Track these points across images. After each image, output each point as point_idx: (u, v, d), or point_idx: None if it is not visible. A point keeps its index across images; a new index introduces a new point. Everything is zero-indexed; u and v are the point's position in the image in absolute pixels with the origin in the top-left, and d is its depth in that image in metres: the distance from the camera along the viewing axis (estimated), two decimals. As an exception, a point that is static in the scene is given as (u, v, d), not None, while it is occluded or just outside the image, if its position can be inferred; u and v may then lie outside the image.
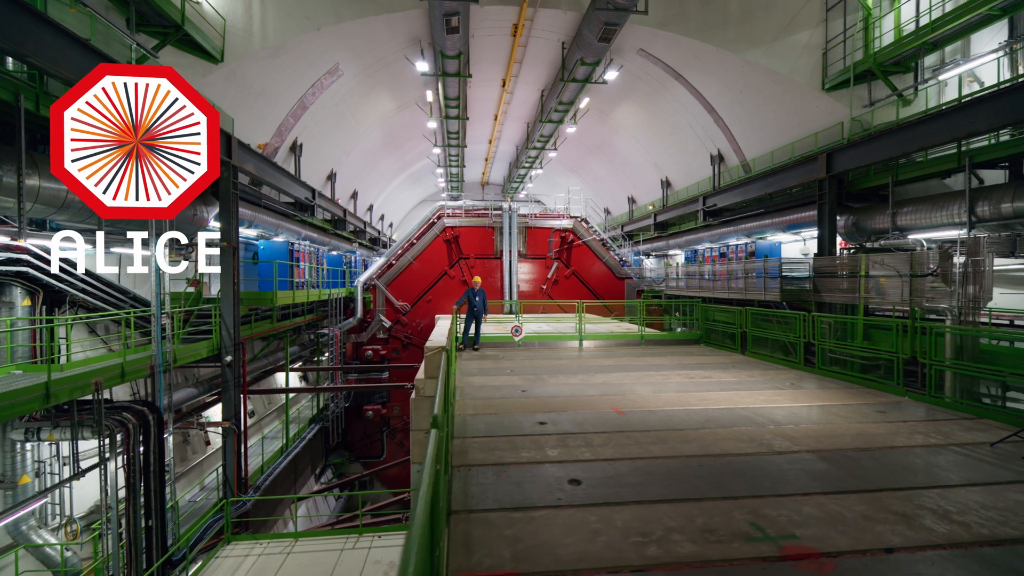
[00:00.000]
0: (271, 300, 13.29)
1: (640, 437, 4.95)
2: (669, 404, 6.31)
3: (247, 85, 14.22)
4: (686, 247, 25.35)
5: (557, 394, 6.85)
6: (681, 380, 7.86)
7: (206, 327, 11.73)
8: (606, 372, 8.49)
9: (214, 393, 12.28)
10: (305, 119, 18.22)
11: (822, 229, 14.50)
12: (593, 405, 6.27)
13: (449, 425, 4.93)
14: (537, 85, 25.53)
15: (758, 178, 18.24)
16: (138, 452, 8.65)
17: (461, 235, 22.63)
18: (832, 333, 9.44)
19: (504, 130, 32.99)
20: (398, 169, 34.23)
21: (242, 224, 14.91)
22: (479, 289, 11.01)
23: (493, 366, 9.09)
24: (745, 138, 19.87)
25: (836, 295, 13.16)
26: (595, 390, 7.09)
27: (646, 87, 22.02)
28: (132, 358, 8.74)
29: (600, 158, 32.45)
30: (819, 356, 8.49)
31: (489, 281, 22.89)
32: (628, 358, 10.10)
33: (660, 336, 12.37)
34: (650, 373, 8.37)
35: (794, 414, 5.88)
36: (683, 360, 9.82)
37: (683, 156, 24.48)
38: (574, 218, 23.61)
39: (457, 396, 6.68)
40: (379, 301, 21.74)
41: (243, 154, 12.71)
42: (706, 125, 21.22)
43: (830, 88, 15.92)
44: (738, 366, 9.22)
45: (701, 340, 12.33)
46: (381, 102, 22.99)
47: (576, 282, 23.54)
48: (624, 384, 7.50)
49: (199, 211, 11.86)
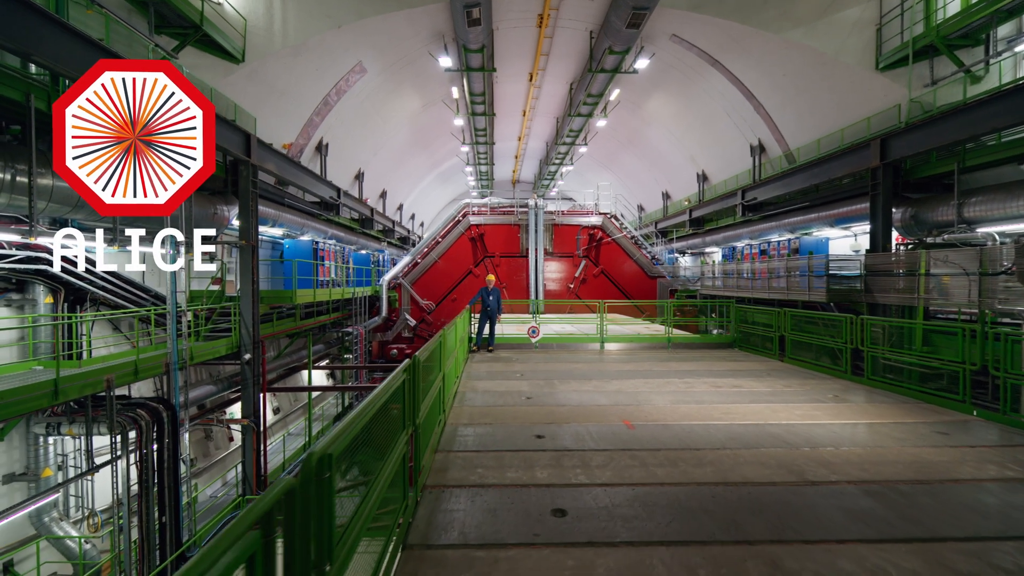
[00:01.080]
0: (291, 298, 13.31)
1: (647, 457, 4.33)
2: (688, 417, 5.62)
3: (269, 84, 14.33)
4: (723, 244, 23.99)
5: (564, 402, 6.27)
6: (706, 389, 7.10)
7: (226, 325, 11.84)
8: (624, 378, 7.83)
9: (236, 390, 12.41)
10: (330, 118, 18.30)
11: (875, 223, 13.17)
12: (602, 416, 5.66)
13: (435, 436, 4.48)
14: (565, 78, 24.81)
15: (803, 168, 16.89)
16: (152, 449, 8.73)
17: (486, 233, 22.26)
18: (886, 338, 8.38)
19: (533, 126, 32.41)
20: (427, 168, 34.30)
21: (265, 223, 15.11)
22: (493, 288, 10.55)
23: (503, 369, 8.59)
24: (788, 126, 18.48)
25: (891, 296, 11.91)
26: (607, 399, 6.47)
27: (680, 75, 20.90)
28: (146, 356, 8.81)
29: (632, 152, 31.32)
30: (869, 364, 7.50)
31: (515, 280, 22.43)
32: (651, 363, 9.36)
33: (690, 339, 11.52)
34: (672, 380, 7.64)
35: (835, 434, 5.07)
36: (712, 366, 9.00)
37: (720, 148, 23.15)
38: (603, 214, 22.78)
39: (455, 402, 6.23)
40: (404, 300, 21.69)
41: (263, 153, 12.77)
42: (745, 114, 19.90)
43: (885, 67, 14.46)
44: (774, 374, 8.33)
45: (735, 344, 11.39)
46: (407, 100, 22.93)
47: (605, 281, 22.70)
48: (641, 393, 6.83)
49: (220, 209, 11.99)
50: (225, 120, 11.02)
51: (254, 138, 11.96)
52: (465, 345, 9.62)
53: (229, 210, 12.25)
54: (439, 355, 5.22)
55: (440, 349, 5.21)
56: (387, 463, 2.61)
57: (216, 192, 12.28)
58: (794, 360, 9.34)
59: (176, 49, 11.05)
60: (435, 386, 4.66)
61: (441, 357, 5.23)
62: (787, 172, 17.72)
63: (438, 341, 5.03)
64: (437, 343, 4.92)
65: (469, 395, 6.63)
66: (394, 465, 2.73)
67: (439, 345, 5.09)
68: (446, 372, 5.53)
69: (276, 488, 1.45)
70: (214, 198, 11.96)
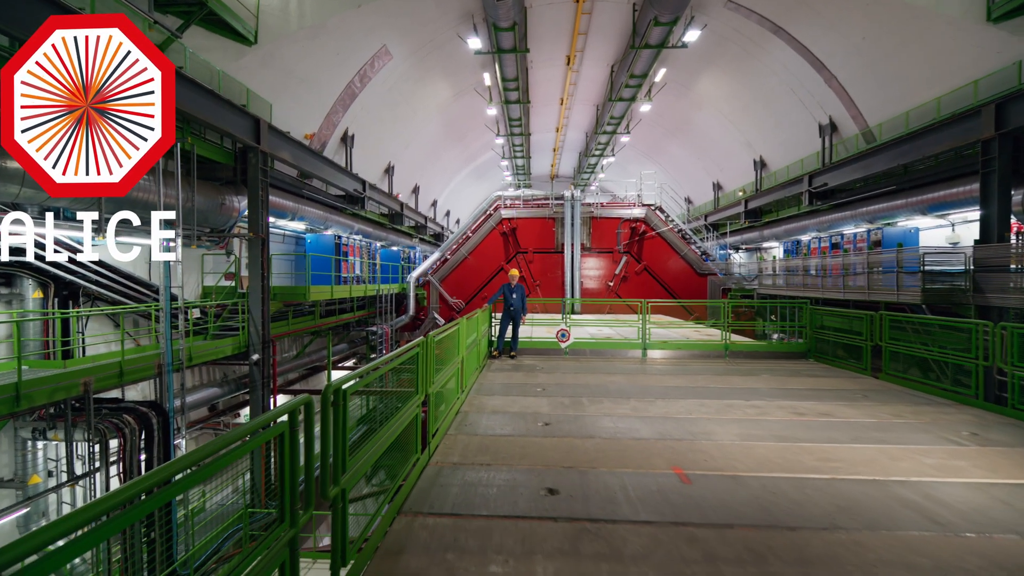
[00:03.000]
0: (304, 295, 12.46)
1: (714, 543, 2.79)
2: (768, 465, 4.00)
3: (287, 70, 13.56)
4: (785, 238, 21.46)
5: (592, 432, 4.78)
6: (785, 417, 5.39)
7: (236, 324, 11.10)
8: (672, 398, 6.21)
9: (247, 391, 11.68)
10: (355, 108, 17.49)
11: (988, 207, 10.78)
12: (643, 457, 4.13)
13: (408, 484, 3.15)
14: (606, 60, 23.02)
15: (887, 147, 14.41)
16: (138, 459, 7.98)
17: (519, 227, 20.87)
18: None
19: (572, 116, 30.71)
20: (462, 162, 33.32)
21: (284, 216, 14.39)
22: (516, 284, 9.14)
23: (523, 382, 7.17)
24: (867, 99, 15.93)
25: (1011, 296, 9.62)
26: (650, 429, 4.91)
27: (736, 48, 18.66)
28: (132, 357, 8.04)
29: (679, 140, 28.99)
30: (1015, 390, 5.51)
31: (549, 277, 20.92)
32: (706, 376, 7.65)
33: (752, 347, 9.65)
34: (736, 403, 5.96)
35: (1008, 505, 3.31)
36: (786, 383, 7.19)
37: (782, 130, 20.63)
38: (647, 206, 20.84)
39: (452, 426, 4.88)
40: (433, 298, 20.67)
41: (276, 140, 11.96)
42: (814, 88, 17.44)
43: (999, 17, 11.84)
44: (872, 396, 6.44)
45: (809, 354, 9.42)
46: (437, 88, 21.89)
47: (648, 279, 20.77)
48: (696, 420, 5.22)
49: (229, 200, 11.26)
50: (233, 104, 10.21)
51: (264, 123, 11.13)
52: (481, 350, 8.27)
53: (239, 201, 11.51)
54: (424, 370, 3.87)
55: (425, 361, 3.88)
56: None
57: (228, 182, 11.57)
58: (895, 377, 7.36)
59: (181, 28, 10.35)
60: (403, 418, 3.32)
61: (423, 372, 3.89)
62: (867, 152, 15.24)
63: (417, 353, 3.69)
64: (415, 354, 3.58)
65: (472, 417, 5.26)
66: None
67: (421, 357, 3.76)
68: (433, 393, 4.18)
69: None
70: (223, 188, 11.25)
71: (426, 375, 3.93)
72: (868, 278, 13.47)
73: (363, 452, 2.74)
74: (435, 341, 4.14)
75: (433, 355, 4.07)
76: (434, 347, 4.08)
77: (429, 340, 4.00)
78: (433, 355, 4.07)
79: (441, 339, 4.60)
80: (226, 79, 11.47)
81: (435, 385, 4.19)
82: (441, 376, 4.50)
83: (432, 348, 4.03)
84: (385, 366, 3.20)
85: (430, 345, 3.99)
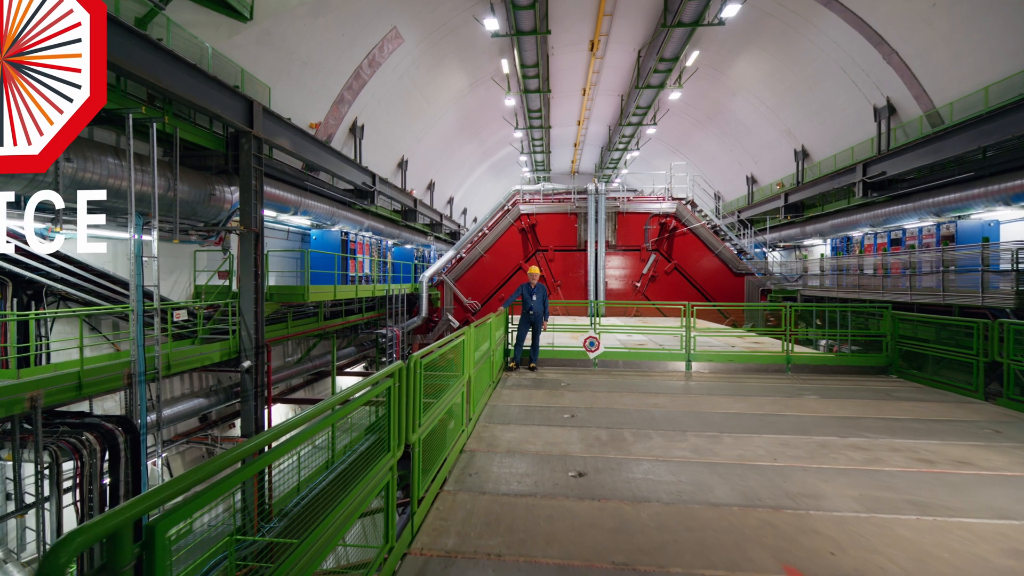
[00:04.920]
0: (303, 295, 11.36)
1: None
2: (929, 563, 2.56)
3: (288, 51, 12.51)
4: (831, 234, 19.56)
5: (647, 493, 3.40)
6: (908, 467, 3.92)
7: (227, 326, 10.05)
8: (741, 431, 4.78)
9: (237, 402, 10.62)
10: (364, 96, 16.40)
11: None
12: (734, 547, 2.74)
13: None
14: (632, 44, 21.49)
15: (962, 128, 12.58)
16: (101, 483, 6.94)
17: (539, 223, 19.50)
18: None
19: (594, 107, 29.20)
20: (479, 158, 32.11)
21: (286, 210, 13.36)
22: (537, 284, 7.80)
23: (546, 403, 5.82)
24: (934, 75, 14.06)
25: None
26: (728, 486, 3.51)
27: (778, 24, 16.94)
28: (93, 367, 6.99)
29: (710, 131, 27.19)
30: None
31: (571, 277, 19.50)
32: (773, 399, 6.17)
33: (820, 359, 8.09)
34: (831, 442, 4.50)
35: None
36: (880, 410, 5.66)
37: (828, 115, 18.77)
38: (677, 200, 19.21)
39: (452, 478, 3.57)
40: (447, 299, 19.47)
41: (273, 125, 10.88)
42: (869, 65, 15.62)
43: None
44: (1008, 431, 4.89)
45: (890, 369, 7.81)
46: (451, 77, 20.70)
47: (679, 278, 19.15)
48: (788, 472, 3.79)
49: (219, 190, 10.22)
50: (221, 84, 9.14)
51: (258, 105, 10.04)
52: (495, 361, 6.94)
53: (232, 192, 10.47)
54: (400, 414, 2.58)
55: (403, 399, 2.57)
56: None
57: (220, 171, 10.55)
58: (1019, 403, 5.76)
59: (165, 0, 9.34)
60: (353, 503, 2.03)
61: (399, 416, 2.58)
62: (936, 135, 13.40)
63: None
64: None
65: (480, 461, 3.94)
66: None
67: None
68: (419, 439, 2.87)
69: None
70: (214, 177, 10.22)
71: (404, 420, 2.62)
72: (942, 278, 11.69)
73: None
74: (421, 366, 2.82)
75: (418, 388, 2.76)
76: (419, 376, 2.76)
77: (411, 366, 2.69)
78: (418, 388, 2.76)
79: (434, 359, 3.29)
80: (218, 59, 10.45)
81: (422, 429, 2.88)
82: (433, 413, 3.18)
83: (416, 379, 2.71)
84: (321, 419, 1.91)
85: (413, 374, 2.68)
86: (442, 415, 3.48)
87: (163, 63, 8.03)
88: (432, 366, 3.21)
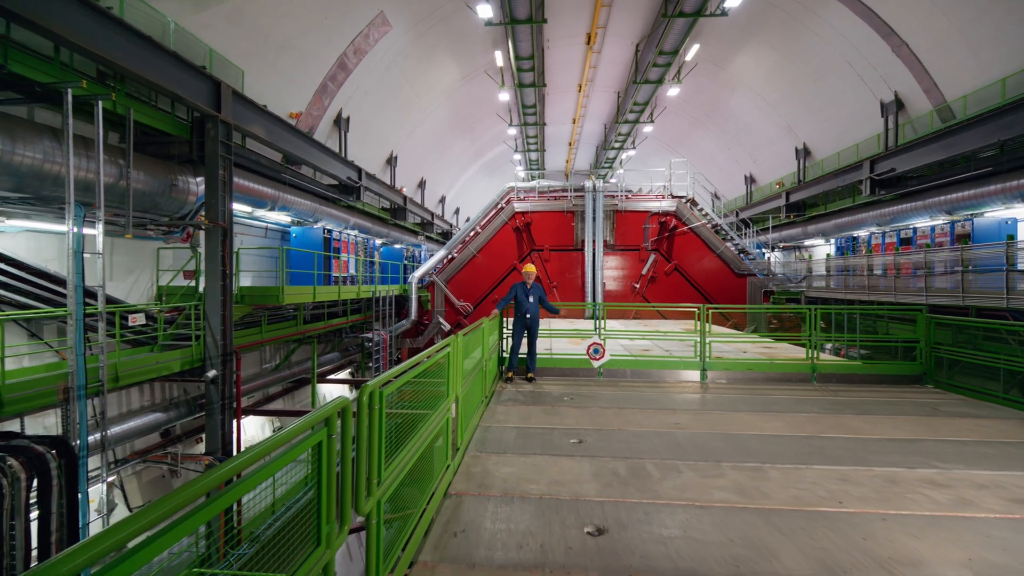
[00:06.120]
0: (277, 297, 10.41)
1: None
2: None
3: (263, 33, 11.58)
4: (834, 234, 18.96)
5: (696, 565, 2.56)
6: (1008, 512, 3.13)
7: (186, 331, 9.08)
8: (787, 461, 3.98)
9: (200, 415, 9.65)
10: (349, 86, 15.49)
11: None
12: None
13: None
14: (630, 38, 20.79)
15: (976, 122, 11.97)
16: (27, 519, 5.99)
17: (534, 222, 18.68)
18: None
19: (590, 104, 28.47)
20: (471, 156, 31.24)
21: (263, 205, 12.37)
22: (533, 284, 6.97)
23: (547, 425, 4.97)
24: (947, 68, 13.46)
25: None
26: (795, 550, 2.68)
27: (782, 15, 16.31)
28: (16, 381, 6.02)
29: (708, 129, 26.58)
30: None
31: (567, 278, 18.70)
32: (809, 415, 5.38)
33: (847, 368, 7.32)
34: (900, 475, 3.70)
35: None
36: (936, 430, 4.88)
37: (832, 111, 18.18)
38: (677, 198, 18.50)
39: (430, 543, 2.70)
40: (438, 300, 18.56)
41: (245, 111, 9.95)
42: (877, 58, 15.01)
43: None
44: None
45: (925, 378, 7.07)
46: (443, 69, 19.83)
47: (680, 279, 18.43)
48: (864, 522, 2.98)
49: (182, 181, 9.25)
50: (182, 61, 8.20)
51: (227, 88, 9.12)
52: (488, 373, 6.09)
53: (198, 183, 9.52)
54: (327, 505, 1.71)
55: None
56: None
57: (185, 161, 9.59)
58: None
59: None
60: None
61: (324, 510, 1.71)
62: (948, 129, 12.79)
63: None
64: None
65: (468, 510, 3.07)
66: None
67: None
68: (382, 501, 2.00)
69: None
70: (177, 167, 9.25)
71: (351, 488, 1.75)
72: (962, 279, 11.03)
73: None
74: (382, 400, 1.95)
75: (377, 431, 1.89)
76: (379, 415, 1.89)
77: (366, 402, 1.81)
78: (377, 431, 1.89)
79: (405, 383, 2.42)
80: (183, 36, 9.50)
81: (384, 487, 2.02)
82: (404, 458, 2.32)
83: (374, 420, 1.84)
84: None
85: (368, 414, 1.81)
86: (419, 454, 2.61)
87: (114, 35, 7.09)
88: (399, 398, 2.34)
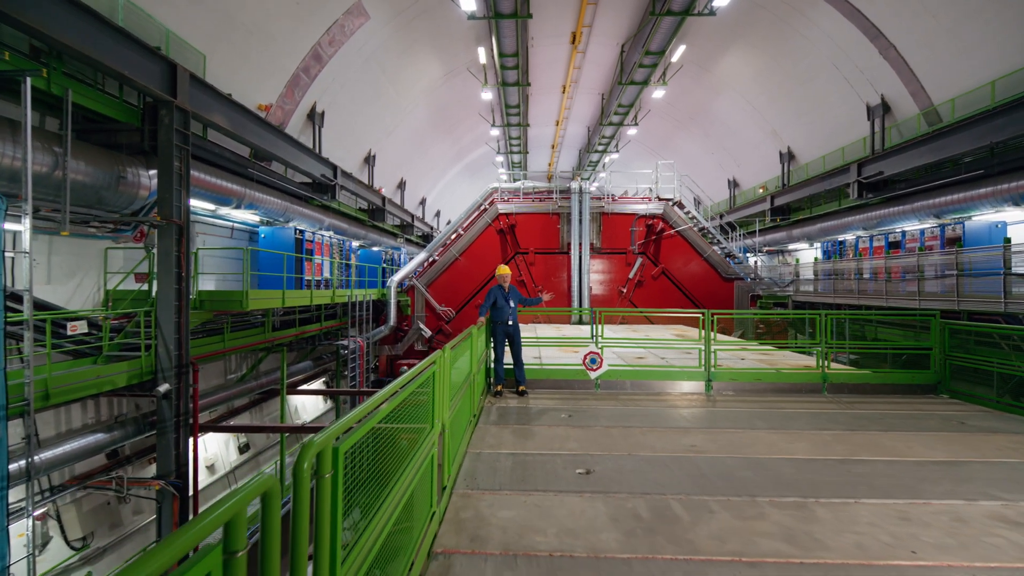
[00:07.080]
0: (240, 303, 9.51)
1: None
2: None
3: (228, 15, 10.71)
4: (820, 238, 18.91)
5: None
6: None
7: (136, 341, 8.12)
8: (826, 493, 3.42)
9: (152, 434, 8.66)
10: (325, 78, 14.64)
11: None
12: None
13: None
14: (616, 37, 20.46)
15: (965, 125, 11.89)
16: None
17: (518, 224, 18.07)
18: None
19: (574, 106, 28.12)
20: (453, 157, 30.53)
21: (228, 203, 11.42)
22: (510, 287, 6.34)
23: (547, 449, 4.31)
24: (935, 72, 13.42)
25: None
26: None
27: (770, 16, 16.16)
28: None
29: (692, 132, 26.49)
30: None
31: (553, 282, 18.12)
32: (833, 432, 4.86)
33: (858, 377, 6.88)
34: (964, 511, 3.18)
35: None
36: (975, 446, 4.41)
37: (818, 114, 18.14)
38: (665, 200, 18.15)
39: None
40: (418, 305, 17.74)
41: (204, 97, 9.06)
42: (864, 61, 14.95)
43: None
44: None
45: (940, 387, 6.68)
46: (424, 64, 19.12)
47: (667, 283, 18.05)
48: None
49: (132, 173, 8.32)
50: (131, 38, 7.33)
51: (183, 71, 8.24)
52: (475, 388, 5.40)
53: (151, 177, 8.59)
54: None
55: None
56: None
57: (137, 151, 8.66)
58: None
59: (61, -67, 7.46)
60: None
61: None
62: (936, 132, 12.70)
63: None
64: None
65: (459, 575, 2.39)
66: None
67: None
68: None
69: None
70: (126, 157, 8.31)
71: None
72: (956, 282, 10.84)
73: None
74: (339, 464, 1.26)
75: (329, 526, 1.21)
76: (334, 491, 1.21)
77: (303, 478, 1.13)
78: (329, 526, 1.21)
79: (371, 432, 1.73)
80: (134, 13, 8.59)
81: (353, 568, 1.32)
82: (362, 550, 1.63)
83: (323, 515, 1.16)
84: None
85: (306, 507, 1.12)
86: (394, 519, 1.93)
87: (49, 4, 6.23)
88: (362, 451, 1.65)
